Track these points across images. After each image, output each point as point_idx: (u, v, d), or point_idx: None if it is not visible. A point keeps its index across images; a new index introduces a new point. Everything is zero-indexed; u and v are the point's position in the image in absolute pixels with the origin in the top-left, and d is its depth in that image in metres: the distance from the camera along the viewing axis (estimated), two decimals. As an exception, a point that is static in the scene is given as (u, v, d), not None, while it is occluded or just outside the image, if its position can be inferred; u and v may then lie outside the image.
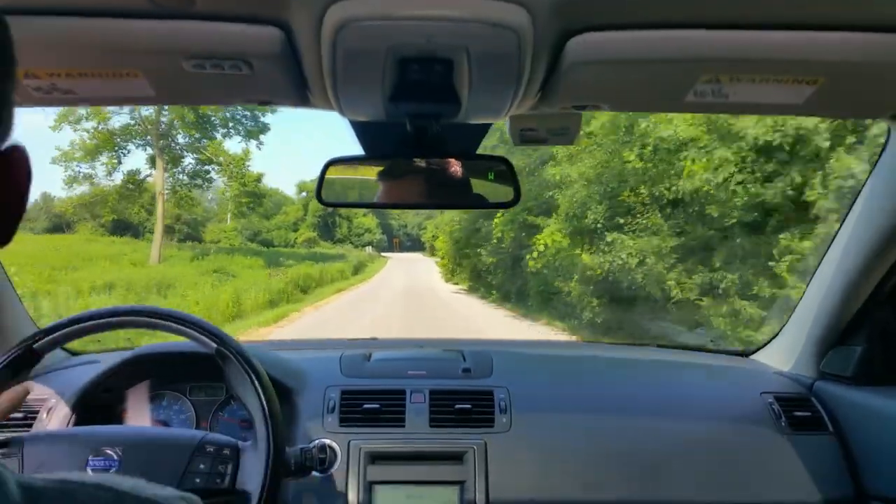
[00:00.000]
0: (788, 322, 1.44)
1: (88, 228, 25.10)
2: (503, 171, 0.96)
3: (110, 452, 0.94)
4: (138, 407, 1.26)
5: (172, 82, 0.78)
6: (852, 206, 1.19)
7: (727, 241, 6.61)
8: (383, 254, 45.32)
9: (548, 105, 0.85)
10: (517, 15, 0.61)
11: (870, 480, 1.17)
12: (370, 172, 0.98)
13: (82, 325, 0.99)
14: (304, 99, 0.84)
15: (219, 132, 20.47)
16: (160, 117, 19.25)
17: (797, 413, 1.26)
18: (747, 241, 6.36)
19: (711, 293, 6.65)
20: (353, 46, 0.66)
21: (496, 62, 0.69)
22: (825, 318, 1.28)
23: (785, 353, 1.43)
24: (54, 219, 26.83)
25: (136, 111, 18.48)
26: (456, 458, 1.18)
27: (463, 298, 14.95)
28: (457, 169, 0.95)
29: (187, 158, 20.73)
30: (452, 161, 0.95)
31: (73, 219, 25.17)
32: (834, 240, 1.25)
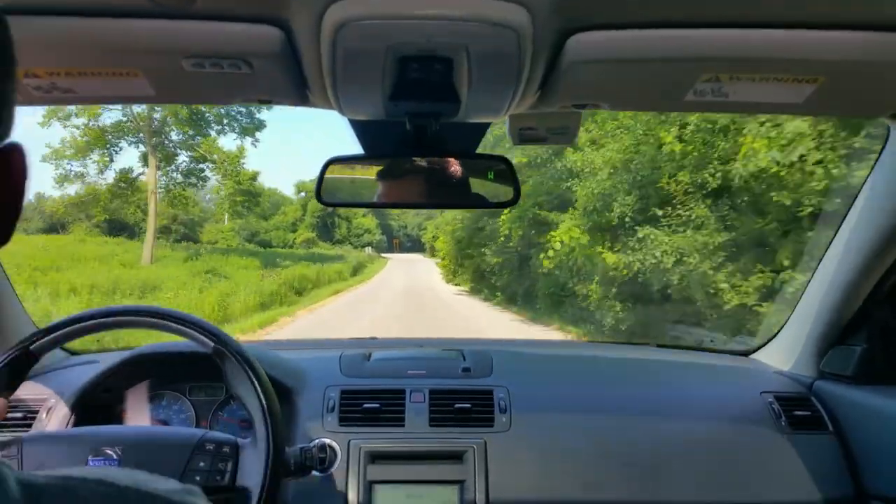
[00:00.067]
0: (788, 321, 1.44)
1: (83, 229, 24.35)
2: (503, 171, 0.96)
3: (110, 452, 0.94)
4: (138, 407, 1.26)
5: (172, 81, 0.78)
6: (852, 206, 1.19)
7: (795, 235, 5.45)
8: (383, 255, 45.12)
9: (547, 104, 0.85)
10: (517, 14, 0.62)
11: (870, 480, 1.17)
12: (370, 172, 0.99)
13: (81, 325, 0.99)
14: (304, 98, 0.84)
15: (213, 129, 19.79)
16: (153, 114, 18.52)
17: (797, 412, 1.26)
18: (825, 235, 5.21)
19: (773, 297, 5.57)
20: (353, 46, 0.66)
21: (496, 61, 0.69)
22: (825, 318, 1.28)
23: (785, 353, 1.43)
24: (48, 219, 26.22)
25: (129, 107, 17.95)
26: (456, 458, 1.18)
27: (465, 300, 14.45)
28: (456, 168, 0.95)
29: (181, 156, 20.07)
30: (452, 160, 0.95)
31: (68, 219, 24.58)
32: (834, 239, 1.25)
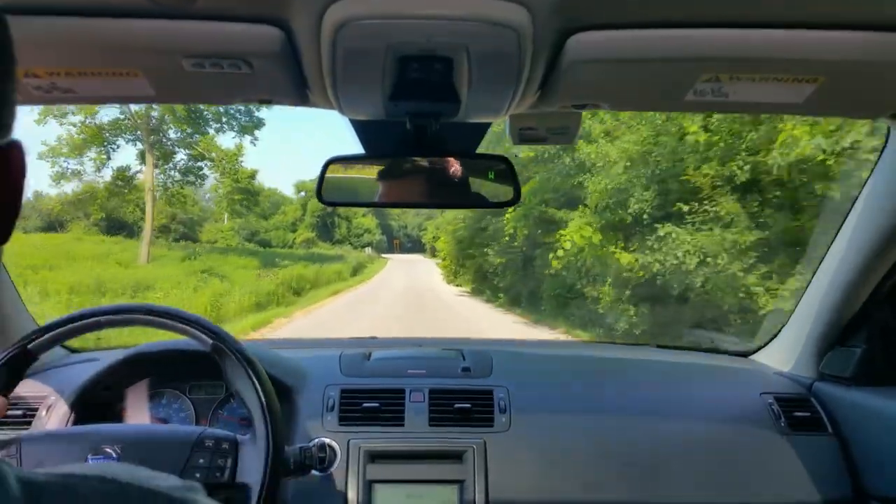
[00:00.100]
0: (788, 322, 1.44)
1: (81, 228, 24.01)
2: (503, 171, 0.96)
3: (109, 450, 0.94)
4: (138, 405, 1.26)
5: (172, 82, 0.78)
6: (853, 206, 1.19)
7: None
8: (383, 255, 44.99)
9: (547, 104, 0.85)
10: (517, 14, 0.62)
11: (869, 481, 1.17)
12: (370, 172, 0.99)
13: (80, 324, 0.99)
14: (304, 98, 0.84)
15: (211, 127, 19.52)
16: (151, 111, 18.18)
17: (797, 413, 1.26)
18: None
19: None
20: (353, 45, 0.66)
21: (496, 61, 0.69)
22: (825, 319, 1.28)
23: (784, 354, 1.43)
24: (47, 217, 25.75)
25: (126, 105, 17.44)
26: (455, 458, 1.18)
27: (466, 301, 14.10)
28: (457, 168, 0.95)
29: (179, 154, 19.70)
30: (452, 160, 0.95)
31: (66, 217, 24.25)
32: (834, 239, 1.25)
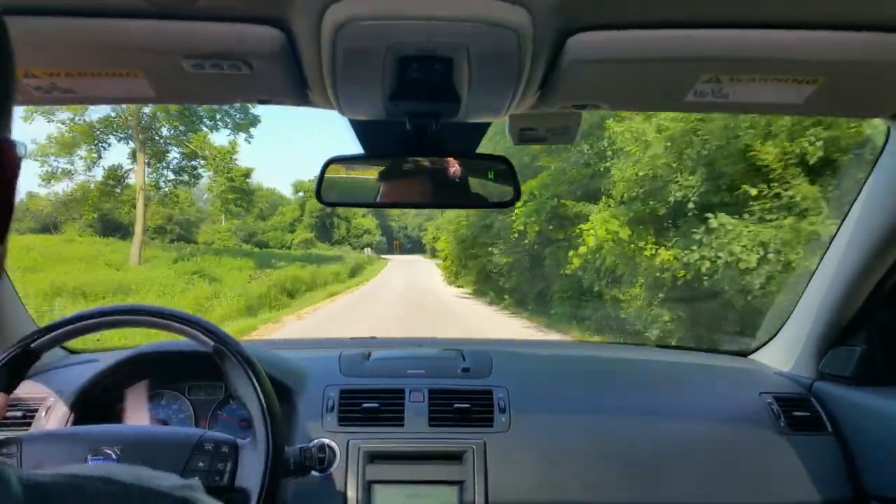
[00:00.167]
0: (788, 322, 1.44)
1: (75, 229, 23.27)
2: (503, 171, 0.96)
3: (109, 451, 0.94)
4: (137, 406, 1.26)
5: (172, 82, 0.78)
6: (852, 206, 1.19)
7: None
8: (383, 256, 44.76)
9: (547, 104, 0.85)
10: (517, 14, 0.62)
11: (869, 480, 1.17)
12: (370, 172, 0.99)
13: (81, 324, 0.99)
14: (304, 98, 0.84)
15: (205, 124, 18.86)
16: (142, 108, 17.38)
17: (796, 413, 1.26)
18: None
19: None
20: (353, 45, 0.66)
21: (496, 61, 0.69)
22: (825, 318, 1.28)
23: (784, 354, 1.43)
24: (42, 219, 25.00)
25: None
26: (455, 458, 1.18)
27: (468, 303, 13.62)
28: (456, 168, 0.95)
29: (172, 152, 18.99)
30: (452, 160, 0.95)
31: (60, 218, 23.59)
32: (834, 239, 1.25)
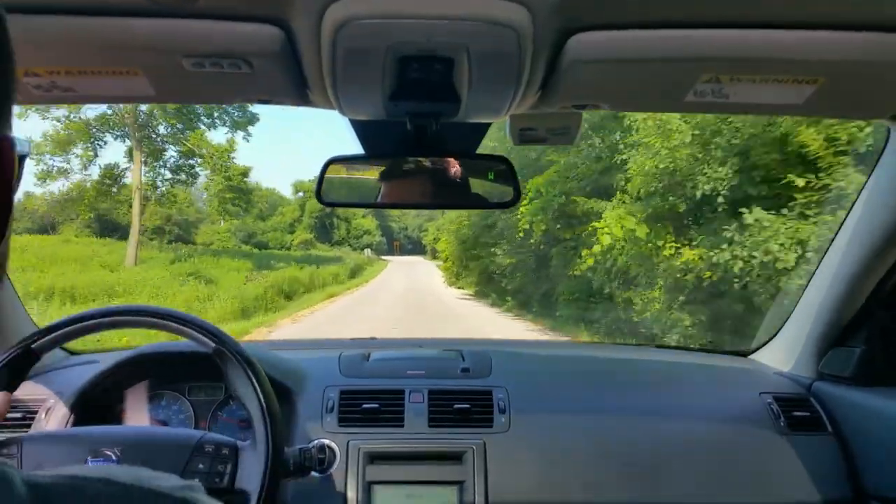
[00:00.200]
0: (788, 322, 1.44)
1: (73, 229, 23.02)
2: (503, 171, 0.96)
3: (109, 453, 0.94)
4: (137, 407, 1.26)
5: (172, 81, 0.78)
6: (853, 206, 1.19)
7: None
8: (383, 257, 44.69)
9: (548, 104, 0.85)
10: (517, 14, 0.62)
11: (869, 480, 1.17)
12: (370, 172, 0.99)
13: (81, 325, 0.99)
14: (304, 97, 0.84)
15: (203, 122, 18.67)
16: (139, 106, 16.98)
17: (796, 413, 1.26)
18: None
19: None
20: (354, 45, 0.66)
21: (496, 61, 0.69)
22: (825, 318, 1.28)
23: (784, 354, 1.43)
24: (39, 220, 24.66)
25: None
26: (455, 458, 1.18)
27: (470, 305, 13.46)
28: (457, 169, 0.95)
29: (169, 151, 18.82)
30: (452, 161, 0.95)
31: (58, 219, 23.28)
32: (834, 239, 1.25)
